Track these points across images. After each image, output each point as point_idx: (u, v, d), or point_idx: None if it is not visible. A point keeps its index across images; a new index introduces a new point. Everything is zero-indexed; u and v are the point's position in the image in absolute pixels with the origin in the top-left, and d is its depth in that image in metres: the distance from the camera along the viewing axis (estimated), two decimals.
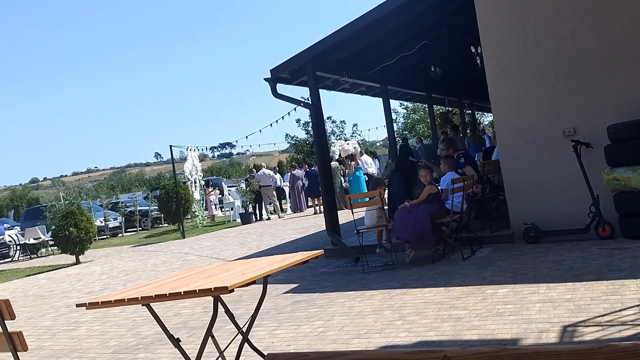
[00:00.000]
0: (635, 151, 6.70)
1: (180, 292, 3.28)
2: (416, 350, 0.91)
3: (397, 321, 4.98)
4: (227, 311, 3.86)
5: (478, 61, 10.36)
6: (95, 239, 18.16)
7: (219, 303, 3.64)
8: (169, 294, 3.31)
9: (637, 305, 4.33)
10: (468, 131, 18.45)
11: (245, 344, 3.84)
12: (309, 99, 10.00)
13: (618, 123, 6.96)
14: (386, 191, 9.63)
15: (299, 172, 21.08)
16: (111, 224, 22.63)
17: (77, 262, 14.47)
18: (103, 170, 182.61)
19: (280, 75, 9.72)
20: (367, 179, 18.19)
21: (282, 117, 16.43)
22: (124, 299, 3.41)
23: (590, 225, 7.08)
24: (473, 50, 10.87)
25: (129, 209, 23.62)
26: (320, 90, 10.02)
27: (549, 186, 7.68)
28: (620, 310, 4.27)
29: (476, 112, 25.80)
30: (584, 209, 7.14)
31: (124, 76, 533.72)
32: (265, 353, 3.91)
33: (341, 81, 11.42)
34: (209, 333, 3.58)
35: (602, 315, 4.23)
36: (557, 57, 7.61)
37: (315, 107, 9.73)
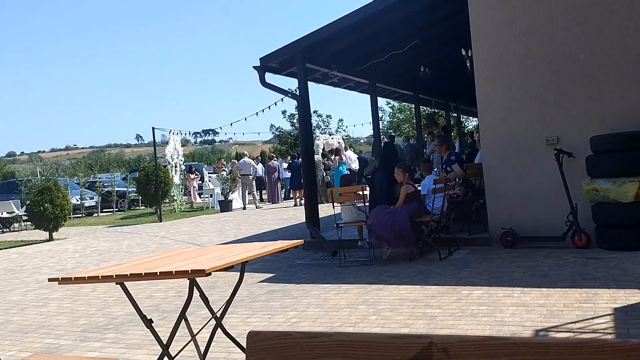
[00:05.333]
0: (616, 163, 6.78)
1: (156, 273, 3.22)
2: (402, 335, 0.89)
3: (371, 316, 4.98)
4: (202, 295, 3.81)
5: (468, 64, 10.40)
6: (70, 217, 17.93)
7: (195, 287, 3.60)
8: (145, 273, 3.25)
9: (609, 314, 4.39)
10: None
11: (219, 329, 3.80)
12: (297, 90, 9.95)
13: (601, 135, 7.04)
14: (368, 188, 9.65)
15: (274, 164, 21.06)
16: (87, 203, 22.32)
17: (51, 238, 14.26)
18: (82, 148, 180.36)
19: (269, 64, 9.65)
20: (349, 174, 18.30)
21: (269, 107, 16.33)
22: (98, 276, 3.35)
23: (567, 234, 7.16)
24: (464, 53, 10.91)
25: (107, 189, 23.35)
26: (308, 82, 9.98)
27: (529, 193, 7.75)
28: (592, 318, 4.32)
29: (461, 116, 25.93)
30: (562, 217, 7.22)
31: (108, 54, 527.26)
32: (238, 340, 3.88)
33: (330, 75, 11.38)
34: (182, 316, 3.54)
35: (574, 322, 4.28)
36: (547, 66, 7.66)
37: (302, 99, 9.68)
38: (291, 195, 20.47)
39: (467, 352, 0.85)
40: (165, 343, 3.52)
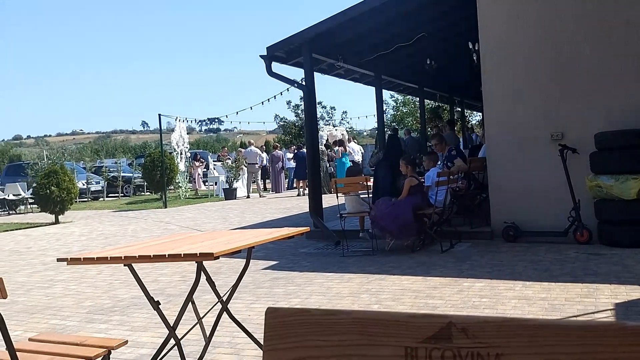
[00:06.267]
0: (620, 160, 6.82)
1: (165, 255, 3.28)
2: (421, 314, 0.92)
3: (373, 305, 5.05)
4: (209, 279, 3.88)
5: (474, 58, 10.39)
6: (76, 201, 18.00)
7: (202, 270, 3.66)
8: (153, 255, 3.30)
9: (610, 309, 4.44)
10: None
11: (224, 313, 3.86)
12: (303, 80, 9.96)
13: (605, 131, 7.07)
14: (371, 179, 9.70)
15: (279, 153, 21.11)
16: (93, 188, 22.44)
17: (57, 221, 14.35)
18: (88, 133, 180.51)
19: (276, 53, 9.66)
20: (352, 165, 18.35)
21: (274, 96, 16.36)
22: (107, 257, 3.41)
23: (569, 229, 7.21)
24: (470, 46, 10.90)
25: (112, 174, 23.43)
26: (314, 73, 9.98)
27: (532, 187, 7.78)
28: (593, 313, 4.38)
29: (465, 110, 25.90)
30: (565, 212, 7.26)
31: (116, 41, 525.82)
32: (243, 324, 3.95)
33: (336, 66, 11.38)
34: (189, 298, 3.60)
35: (576, 316, 4.33)
36: (553, 60, 7.67)
37: (308, 89, 9.70)
38: (294, 185, 20.53)
39: (486, 332, 0.86)
40: (172, 325, 3.58)
